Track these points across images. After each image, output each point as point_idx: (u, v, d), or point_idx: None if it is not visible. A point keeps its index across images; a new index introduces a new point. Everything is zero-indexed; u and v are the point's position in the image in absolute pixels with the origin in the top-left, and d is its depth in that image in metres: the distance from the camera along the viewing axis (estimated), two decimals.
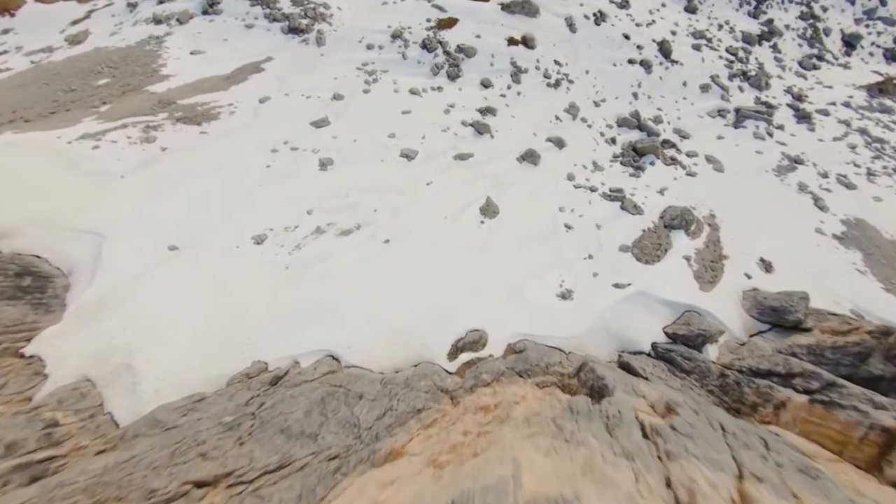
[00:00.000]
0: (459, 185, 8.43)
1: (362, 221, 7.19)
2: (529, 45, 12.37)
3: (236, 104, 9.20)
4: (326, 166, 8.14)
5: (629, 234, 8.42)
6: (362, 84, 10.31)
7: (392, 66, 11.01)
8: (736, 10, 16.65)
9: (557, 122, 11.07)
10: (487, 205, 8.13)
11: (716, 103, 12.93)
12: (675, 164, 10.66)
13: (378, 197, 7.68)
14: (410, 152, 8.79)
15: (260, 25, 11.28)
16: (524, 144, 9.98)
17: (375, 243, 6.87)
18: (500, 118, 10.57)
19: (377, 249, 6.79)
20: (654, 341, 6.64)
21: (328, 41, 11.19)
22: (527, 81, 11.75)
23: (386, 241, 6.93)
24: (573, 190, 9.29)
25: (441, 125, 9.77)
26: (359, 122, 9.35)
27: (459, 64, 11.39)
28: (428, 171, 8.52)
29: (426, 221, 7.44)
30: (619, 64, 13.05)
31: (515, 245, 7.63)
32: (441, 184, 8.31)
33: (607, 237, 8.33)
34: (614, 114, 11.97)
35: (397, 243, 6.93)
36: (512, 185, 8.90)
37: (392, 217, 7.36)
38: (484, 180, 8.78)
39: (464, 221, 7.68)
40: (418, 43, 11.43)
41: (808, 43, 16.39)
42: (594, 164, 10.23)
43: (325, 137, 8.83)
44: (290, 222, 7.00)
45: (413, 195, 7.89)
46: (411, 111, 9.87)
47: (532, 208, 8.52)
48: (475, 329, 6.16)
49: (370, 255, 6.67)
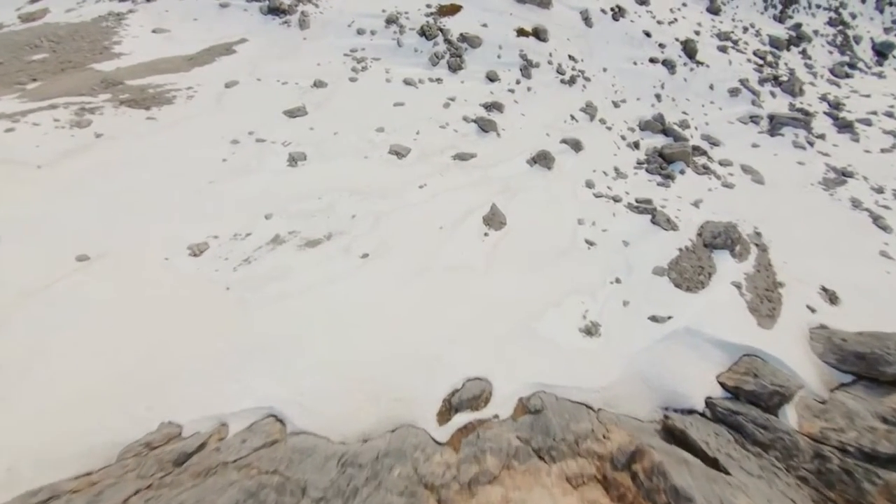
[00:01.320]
0: (459, 190, 6.96)
1: (335, 230, 5.68)
2: (541, 37, 11.06)
3: (196, 88, 7.77)
4: (297, 162, 6.67)
5: (663, 253, 6.94)
6: (349, 71, 8.92)
7: (385, 54, 9.64)
8: (760, 13, 15.52)
9: (573, 122, 9.68)
10: (493, 214, 6.65)
11: (747, 109, 11.61)
12: (707, 174, 9.25)
13: (358, 200, 6.19)
14: (401, 149, 7.34)
15: (236, 5, 9.95)
16: (536, 145, 8.56)
17: (349, 259, 5.35)
18: (508, 115, 9.18)
19: (351, 267, 5.26)
20: (708, 396, 5.10)
21: (313, 24, 9.85)
22: (538, 77, 10.41)
23: (363, 257, 5.42)
24: (593, 199, 7.84)
25: (439, 120, 8.35)
26: (342, 113, 7.93)
27: (462, 54, 10.04)
28: (421, 172, 7.06)
29: (416, 232, 5.94)
30: (639, 63, 11.76)
31: (527, 264, 6.13)
32: (437, 187, 6.84)
33: (637, 257, 6.84)
34: (636, 116, 10.62)
35: (377, 259, 5.41)
36: (522, 191, 7.45)
37: (373, 225, 5.86)
38: (488, 185, 7.32)
39: (463, 233, 6.19)
40: (416, 30, 10.10)
41: (838, 50, 15.22)
42: (616, 170, 8.81)
43: (301, 129, 7.38)
44: (242, 229, 5.48)
45: (402, 199, 6.41)
46: (404, 103, 8.46)
47: (546, 219, 7.05)
48: (475, 378, 4.60)
49: (341, 273, 5.14)
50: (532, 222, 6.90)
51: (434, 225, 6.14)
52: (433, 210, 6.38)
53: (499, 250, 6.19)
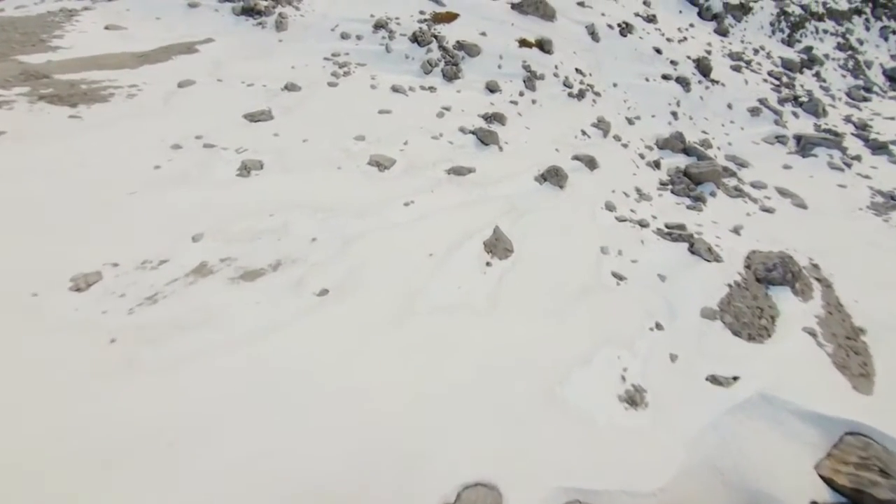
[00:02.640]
0: (454, 209, 5.60)
1: (285, 257, 4.22)
2: (546, 49, 10.13)
3: (142, 86, 6.51)
4: (250, 171, 5.30)
5: (710, 290, 5.54)
6: (328, 76, 7.76)
7: (371, 60, 8.56)
8: (768, 36, 14.99)
9: (585, 137, 8.53)
10: (496, 238, 5.25)
11: (770, 129, 10.61)
12: (741, 197, 8.02)
13: (322, 219, 4.77)
14: (384, 160, 6.02)
15: (206, 5, 8.92)
16: (544, 161, 7.32)
17: (301, 297, 3.86)
18: (511, 128, 7.99)
19: (301, 308, 3.76)
20: (813, 502, 3.55)
21: (291, 27, 8.81)
22: (543, 89, 9.36)
23: (320, 294, 3.93)
24: (616, 223, 6.50)
25: (431, 131, 7.12)
26: (316, 118, 6.67)
27: (459, 63, 9.00)
28: (408, 187, 5.71)
29: (397, 261, 4.49)
30: (651, 79, 10.84)
31: (542, 305, 4.67)
32: (427, 205, 5.47)
33: (679, 295, 5.43)
34: (652, 134, 9.52)
35: (341, 298, 3.93)
36: (530, 212, 6.10)
37: (340, 251, 4.40)
38: (490, 204, 5.98)
39: (459, 263, 4.76)
40: (407, 35, 9.10)
41: (851, 74, 14.60)
42: (638, 191, 7.55)
43: (262, 135, 6.08)
44: (155, 254, 4.01)
45: (381, 219, 5.00)
46: (391, 111, 7.25)
47: (562, 247, 5.66)
48: (476, 484, 3.03)
49: (286, 318, 3.64)
50: (545, 250, 5.50)
51: (422, 251, 4.71)
52: (421, 233, 4.98)
53: (505, 285, 4.74)
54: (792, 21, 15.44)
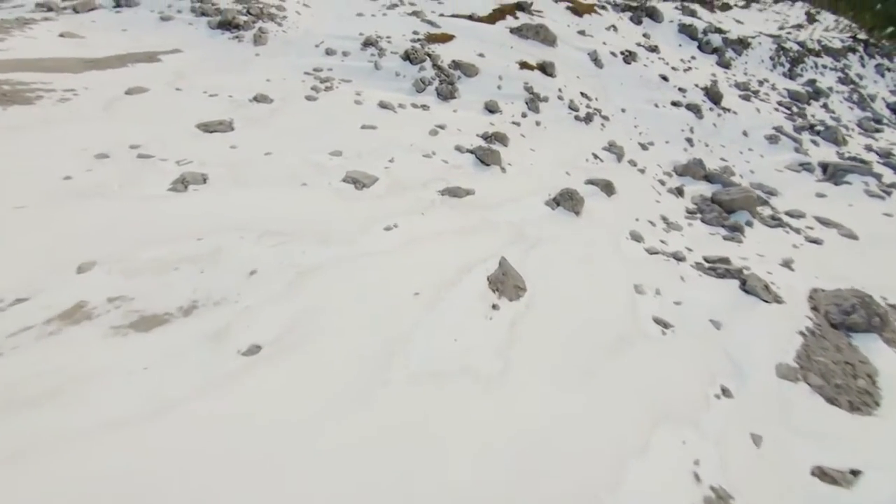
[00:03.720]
0: (450, 236, 4.43)
1: (207, 296, 2.96)
2: (548, 72, 9.48)
3: (80, 91, 5.52)
4: (187, 186, 4.15)
5: (780, 340, 4.29)
6: (307, 90, 6.87)
7: (358, 76, 7.75)
8: (770, 69, 14.76)
9: (597, 161, 7.59)
10: (503, 273, 4.04)
11: (792, 157, 9.82)
12: (781, 226, 6.96)
13: (272, 245, 3.56)
14: (363, 177, 4.93)
15: (181, 18, 8.23)
16: (554, 184, 6.29)
17: (218, 357, 2.57)
18: (514, 149, 7.04)
19: (214, 378, 2.46)
20: None
21: (271, 42, 8.07)
22: (548, 112, 8.56)
23: (249, 353, 2.64)
24: (647, 256, 5.35)
25: (423, 148, 6.12)
26: (286, 131, 5.66)
27: (455, 82, 8.22)
28: (392, 208, 4.57)
29: (369, 303, 3.24)
30: (661, 105, 10.17)
31: (569, 364, 3.38)
32: (414, 229, 4.30)
33: (742, 347, 4.17)
34: (669, 160, 8.65)
35: (279, 359, 2.64)
36: (544, 240, 4.94)
37: (288, 290, 3.15)
38: (494, 230, 4.82)
39: (456, 305, 3.51)
40: (398, 53, 8.38)
41: (858, 106, 14.21)
42: (665, 219, 6.48)
43: (216, 146, 5.01)
44: (16, 288, 2.74)
45: (352, 246, 3.80)
46: (376, 127, 6.28)
47: (587, 284, 4.45)
48: None
49: (183, 397, 2.32)
50: (566, 288, 4.28)
51: (404, 289, 3.48)
52: (405, 264, 3.77)
53: (519, 336, 3.47)
54: (791, 56, 15.32)
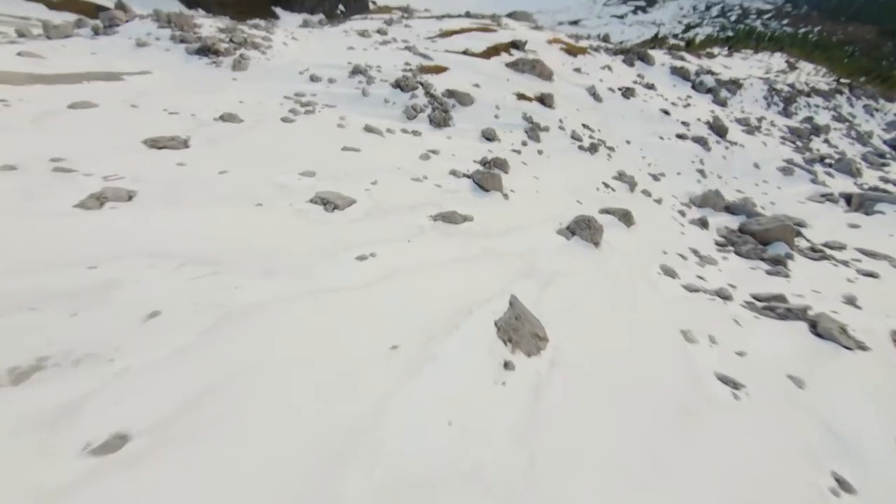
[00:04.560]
0: (443, 268, 3.43)
1: (61, 354, 1.87)
2: (547, 103, 9.03)
3: (14, 103, 4.73)
4: (103, 203, 3.19)
5: (881, 401, 3.20)
6: (284, 112, 6.17)
7: (343, 102, 7.13)
8: (765, 108, 14.71)
9: (609, 191, 6.81)
10: (516, 317, 3.00)
11: (811, 188, 9.19)
12: (826, 259, 6.06)
13: (192, 277, 2.53)
14: (336, 198, 4.01)
15: (158, 45, 7.75)
16: (565, 212, 5.42)
17: (48, 460, 1.45)
18: (517, 176, 6.27)
19: (40, 500, 1.33)
20: None
21: (252, 68, 7.54)
22: (549, 141, 7.94)
23: (103, 452, 1.52)
24: (687, 294, 4.35)
25: (413, 172, 5.30)
26: (251, 151, 4.83)
27: (449, 110, 7.64)
28: (369, 234, 3.60)
29: (317, 366, 2.16)
30: (666, 138, 9.67)
31: (625, 456, 2.26)
32: (396, 260, 3.30)
33: (843, 414, 3.06)
34: (684, 191, 7.93)
35: (155, 461, 1.53)
36: (561, 275, 3.95)
37: (196, 344, 2.08)
38: (499, 262, 3.84)
39: (451, 365, 2.43)
40: (388, 81, 7.87)
41: (858, 141, 14.00)
42: (695, 252, 5.56)
43: (161, 162, 4.12)
44: None
45: (307, 280, 2.77)
46: (360, 150, 5.51)
47: (624, 331, 3.40)
48: None
49: None
50: (598, 337, 3.23)
51: (376, 342, 2.40)
52: (381, 305, 2.72)
53: (546, 411, 2.36)
54: (784, 96, 15.40)
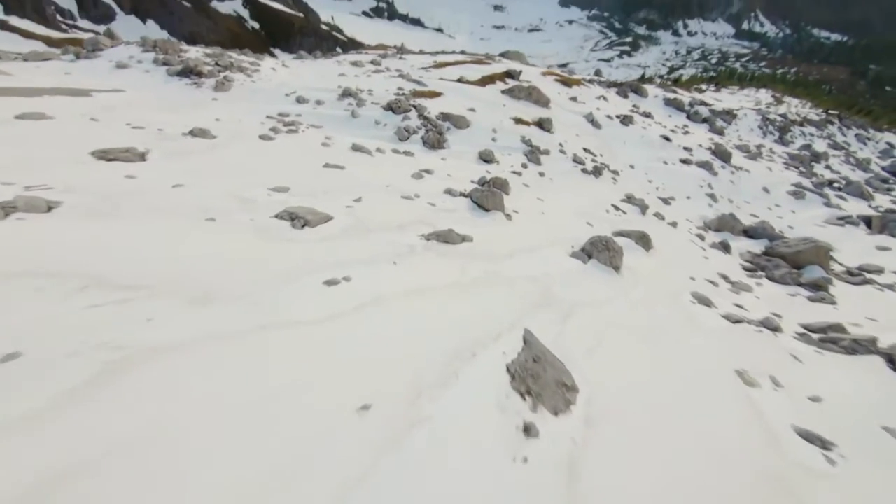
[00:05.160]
0: (437, 295, 2.72)
1: None
2: (545, 127, 8.69)
3: None
4: (8, 213, 2.52)
5: None
6: (263, 130, 5.68)
7: (330, 123, 6.69)
8: (761, 137, 14.65)
9: (619, 213, 6.24)
10: (534, 358, 2.25)
11: (827, 211, 8.73)
12: (867, 283, 5.41)
13: (91, 305, 1.81)
14: (307, 213, 3.36)
15: (139, 67, 7.41)
16: (576, 234, 4.80)
17: None
18: (519, 197, 5.71)
19: None
20: None
21: (236, 89, 7.16)
22: (550, 164, 7.49)
23: None
24: (730, 326, 3.64)
25: (403, 190, 4.71)
26: (220, 165, 4.24)
27: (444, 132, 7.22)
28: (345, 253, 2.91)
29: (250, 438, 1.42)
30: (670, 163, 9.31)
31: None
32: (376, 284, 2.59)
33: None
34: (697, 214, 7.40)
35: None
36: (583, 305, 3.24)
37: (58, 406, 1.34)
38: (507, 290, 3.13)
39: (447, 433, 1.68)
40: (380, 104, 7.50)
41: (858, 167, 13.82)
42: (725, 278, 4.90)
43: (106, 174, 3.49)
44: None
45: (253, 311, 2.05)
46: (344, 167, 4.94)
47: (667, 373, 2.65)
48: None
49: None
50: (637, 384, 2.48)
51: (339, 398, 1.66)
52: (351, 344, 1.98)
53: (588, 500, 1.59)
54: (778, 125, 15.43)
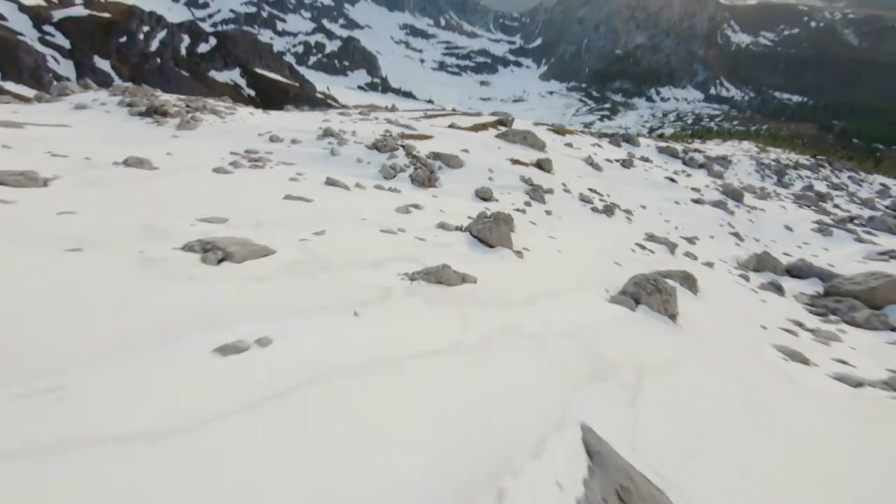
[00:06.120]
0: (418, 367, 1.59)
1: None
2: (545, 168, 8.05)
3: None
4: None
5: None
6: (224, 164, 4.80)
7: (305, 161, 5.89)
8: (760, 180, 14.35)
9: (646, 252, 5.26)
10: (620, 494, 1.12)
11: (862, 247, 7.89)
12: None
13: None
14: (232, 245, 2.29)
15: (100, 109, 6.75)
16: (607, 275, 3.77)
17: None
18: (526, 234, 4.75)
19: None
20: None
21: (203, 128, 6.44)
22: (556, 203, 6.67)
23: None
24: (850, 392, 2.47)
25: (384, 223, 3.71)
26: (144, 195, 3.24)
27: (435, 171, 6.46)
28: (278, 297, 1.80)
29: None
30: (682, 203, 8.60)
31: None
32: (319, 349, 1.46)
33: None
34: (728, 254, 6.47)
35: None
36: (650, 371, 2.10)
37: None
38: (534, 352, 2.00)
39: None
40: (364, 143, 6.82)
41: (865, 206, 13.36)
42: (800, 325, 3.80)
43: None
44: None
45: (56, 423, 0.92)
46: (312, 200, 3.99)
47: (808, 482, 1.48)
48: None
49: None
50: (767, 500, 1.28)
51: None
52: (244, 482, 0.83)
53: None
54: (774, 169, 15.27)
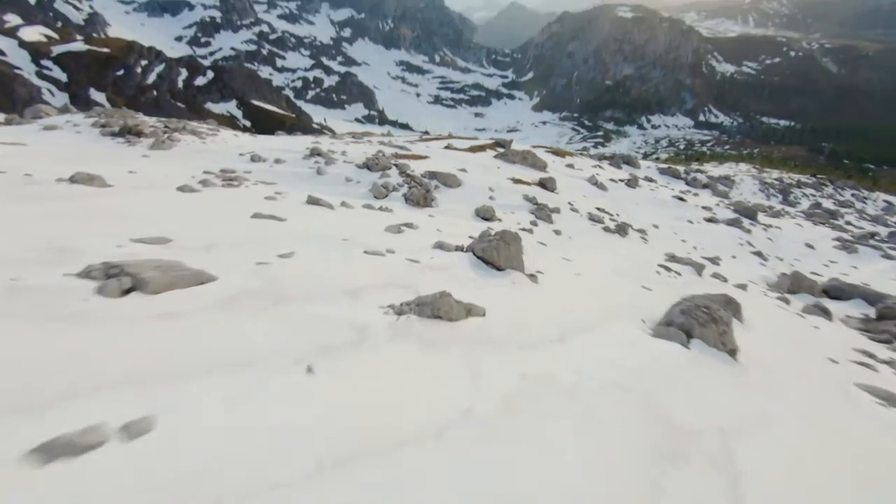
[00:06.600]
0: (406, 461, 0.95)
1: None
2: (549, 187, 7.57)
3: None
4: None
5: None
6: (192, 183, 4.24)
7: (287, 179, 5.36)
8: (765, 199, 14.00)
9: (673, 275, 4.65)
10: None
11: (892, 264, 7.38)
12: None
13: None
14: (150, 272, 1.67)
15: (70, 129, 6.27)
16: (638, 302, 3.13)
17: None
18: (536, 256, 4.14)
19: None
20: None
21: (179, 148, 5.94)
22: (566, 223, 6.12)
23: None
24: None
25: (370, 244, 3.09)
26: (80, 212, 2.65)
27: (431, 190, 5.94)
28: (201, 344, 1.17)
29: None
30: (696, 222, 8.09)
31: None
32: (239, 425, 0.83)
33: None
34: (756, 275, 5.88)
35: None
36: (736, 437, 1.45)
37: None
38: (576, 419, 1.36)
39: None
40: (354, 163, 6.33)
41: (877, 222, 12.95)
42: (870, 355, 3.14)
43: None
44: None
45: None
46: (285, 220, 3.40)
47: None
48: None
49: None
50: None
51: None
52: None
53: None
54: (778, 187, 14.97)
